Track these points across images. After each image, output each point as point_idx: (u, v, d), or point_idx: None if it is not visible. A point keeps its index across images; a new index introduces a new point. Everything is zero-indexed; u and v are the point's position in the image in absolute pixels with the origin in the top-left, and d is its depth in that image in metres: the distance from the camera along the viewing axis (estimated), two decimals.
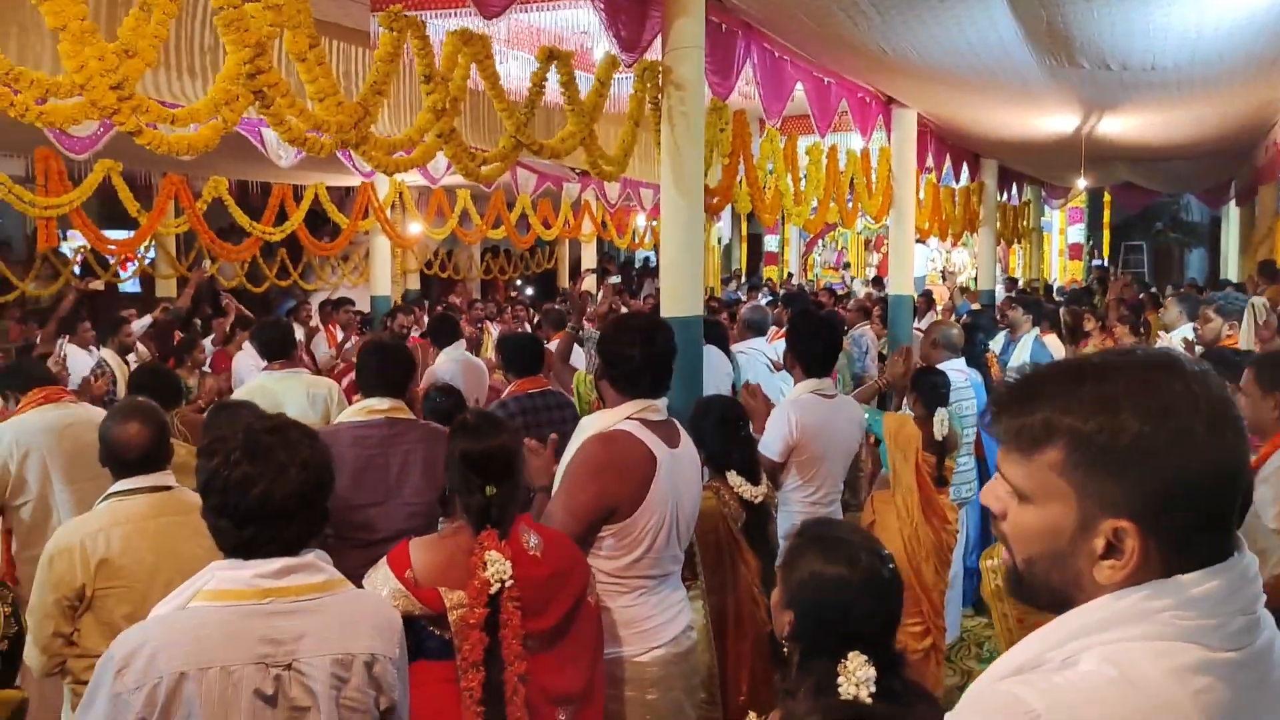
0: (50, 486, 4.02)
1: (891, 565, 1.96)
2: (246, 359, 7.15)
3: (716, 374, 6.36)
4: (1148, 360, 1.20)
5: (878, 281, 16.72)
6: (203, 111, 3.48)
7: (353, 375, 4.49)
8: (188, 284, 10.53)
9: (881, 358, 9.26)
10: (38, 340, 7.62)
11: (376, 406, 3.66)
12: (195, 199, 10.42)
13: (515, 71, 6.95)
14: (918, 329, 10.23)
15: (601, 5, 5.48)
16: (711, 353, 6.42)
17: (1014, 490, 1.22)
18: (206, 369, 7.67)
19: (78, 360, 7.01)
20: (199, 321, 10.36)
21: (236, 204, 10.80)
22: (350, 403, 4.52)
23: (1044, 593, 1.20)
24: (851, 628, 1.82)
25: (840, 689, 1.71)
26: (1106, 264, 22.15)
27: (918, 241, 13.51)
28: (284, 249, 12.88)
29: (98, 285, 11.78)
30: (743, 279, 20.06)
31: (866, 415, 5.13)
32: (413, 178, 11.45)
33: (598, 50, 7.12)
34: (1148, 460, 1.13)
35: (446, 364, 6.39)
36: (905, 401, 5.55)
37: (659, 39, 5.96)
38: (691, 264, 6.00)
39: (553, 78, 5.46)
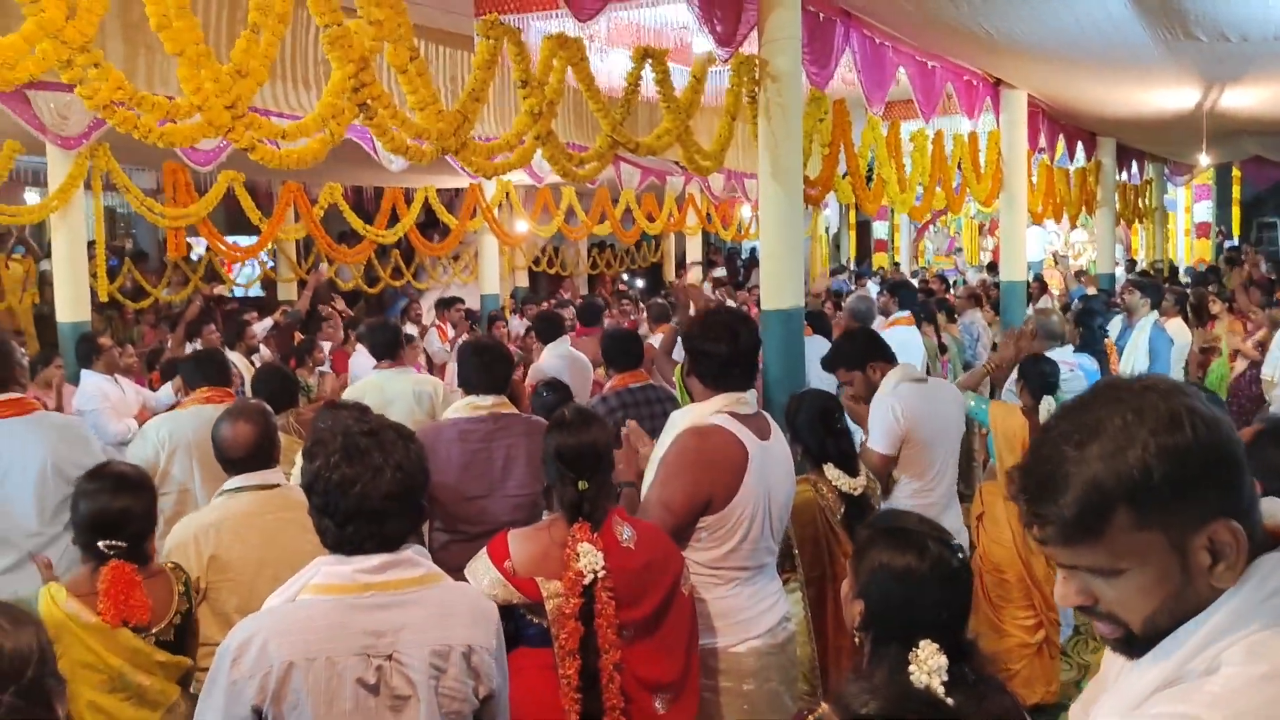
0: (192, 483, 4.24)
1: (961, 555, 1.97)
2: (361, 358, 7.42)
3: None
4: (1103, 394, 1.23)
5: (992, 267, 16.32)
6: (310, 126, 3.65)
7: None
8: (306, 286, 10.95)
9: (994, 346, 9.07)
10: (168, 344, 8.01)
11: (480, 403, 3.77)
12: (312, 205, 10.83)
13: (617, 69, 7.04)
14: (1029, 314, 9.98)
15: (696, 1, 5.52)
16: (816, 343, 6.40)
17: (1095, 572, 1.21)
18: (325, 368, 7.97)
19: None
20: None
21: (351, 209, 11.21)
22: None
23: (1170, 632, 1.21)
24: (921, 617, 1.84)
25: (912, 677, 1.73)
26: (1237, 242, 21.15)
27: (1033, 225, 13.16)
28: (397, 250, 13.28)
29: (223, 290, 12.35)
30: (852, 268, 19.81)
31: (973, 403, 5.06)
32: (519, 177, 11.66)
33: (697, 44, 7.16)
34: (1200, 462, 1.16)
35: (552, 360, 6.51)
36: (1013, 389, 5.44)
37: (755, 31, 5.97)
38: (791, 256, 6.00)
39: (649, 75, 5.53)
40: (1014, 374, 5.30)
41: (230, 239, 11.89)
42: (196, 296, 9.70)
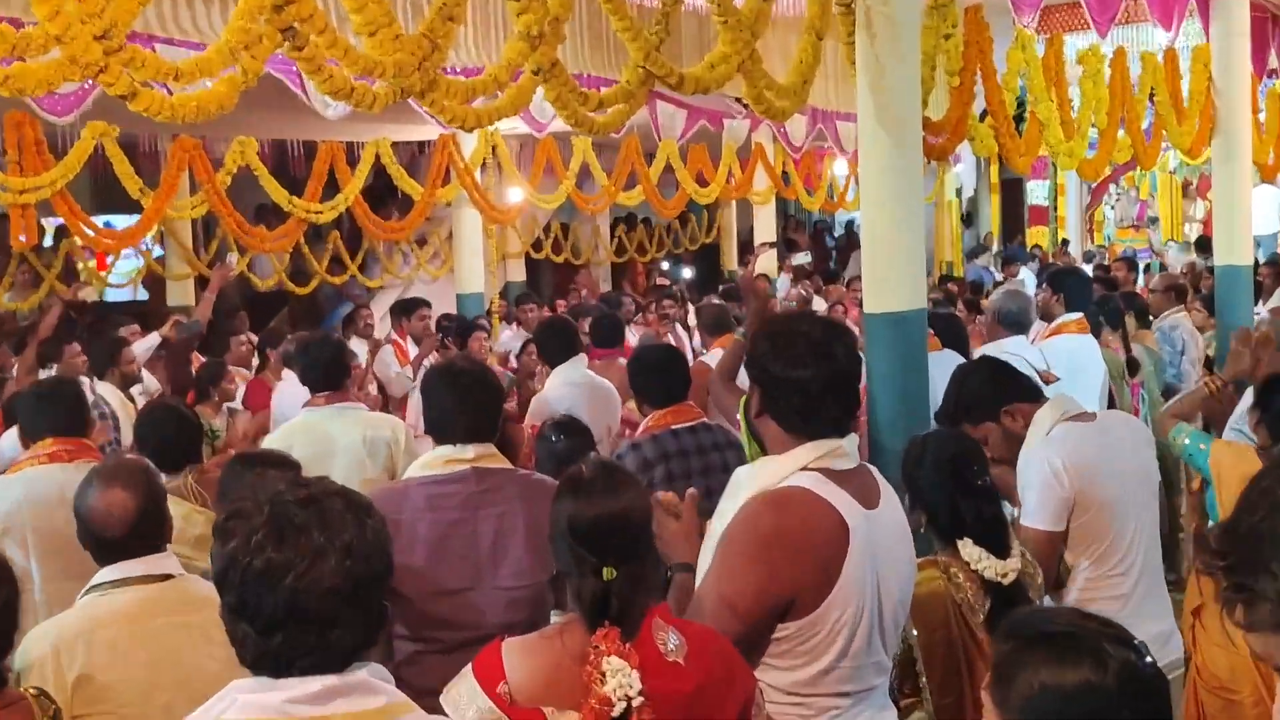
0: (30, 578, 4.25)
1: (1150, 658, 1.97)
2: (291, 390, 7.47)
3: None
4: None
5: (1202, 245, 16.23)
6: (215, 61, 3.71)
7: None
8: (208, 286, 11.04)
9: (1208, 363, 8.99)
10: (12, 372, 8.07)
11: (458, 455, 3.79)
12: (216, 169, 10.93)
13: None
14: (1260, 315, 9.91)
15: None
16: (945, 361, 6.39)
17: None
18: (237, 404, 8.04)
19: None
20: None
21: (271, 174, 11.30)
22: None
23: None
24: None
25: None
26: None
27: (1262, 183, 13.08)
28: (337, 232, 13.37)
29: (90, 293, 12.44)
30: (996, 250, 19.77)
31: (1187, 441, 5.02)
32: (510, 124, 11.75)
33: None
34: None
35: (562, 388, 6.50)
36: (1241, 426, 5.41)
37: None
38: (907, 235, 6.00)
39: None
40: (1244, 401, 5.26)
41: (100, 219, 12.03)
42: (52, 302, 9.81)
